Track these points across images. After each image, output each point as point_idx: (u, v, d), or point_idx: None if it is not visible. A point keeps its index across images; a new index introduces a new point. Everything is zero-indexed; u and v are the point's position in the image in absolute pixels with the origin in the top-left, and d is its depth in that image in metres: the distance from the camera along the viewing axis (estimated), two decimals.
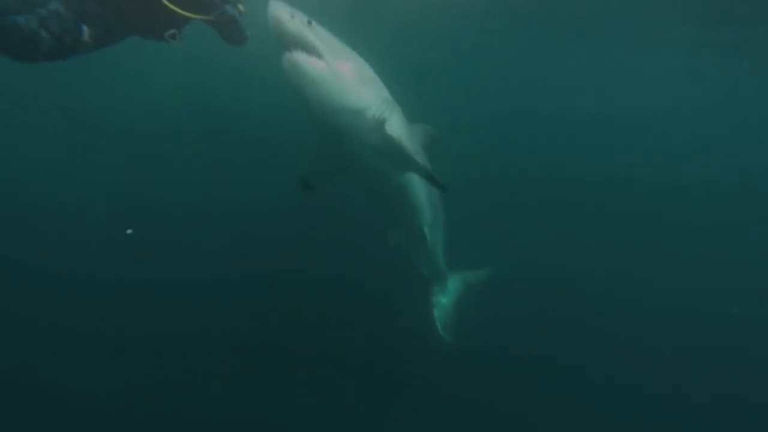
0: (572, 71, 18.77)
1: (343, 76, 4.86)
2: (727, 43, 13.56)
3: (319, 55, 4.62)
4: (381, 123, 5.20)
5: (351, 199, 8.82)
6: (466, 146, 12.54)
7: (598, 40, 15.27)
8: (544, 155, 15.48)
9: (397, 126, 5.44)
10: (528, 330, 9.64)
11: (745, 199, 17.76)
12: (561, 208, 13.85)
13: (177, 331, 8.36)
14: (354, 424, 8.27)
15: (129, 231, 9.19)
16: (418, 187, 6.42)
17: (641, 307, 11.55)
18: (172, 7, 4.08)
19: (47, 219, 9.93)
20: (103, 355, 8.02)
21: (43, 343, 8.06)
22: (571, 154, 15.76)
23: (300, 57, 4.57)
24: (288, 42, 4.57)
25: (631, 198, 15.61)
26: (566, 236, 12.85)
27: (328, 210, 9.88)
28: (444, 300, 8.27)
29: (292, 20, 4.50)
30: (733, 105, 18.63)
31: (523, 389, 8.99)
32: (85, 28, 3.71)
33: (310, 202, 9.35)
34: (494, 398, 8.87)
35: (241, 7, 4.83)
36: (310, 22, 4.62)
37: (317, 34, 4.66)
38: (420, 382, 8.72)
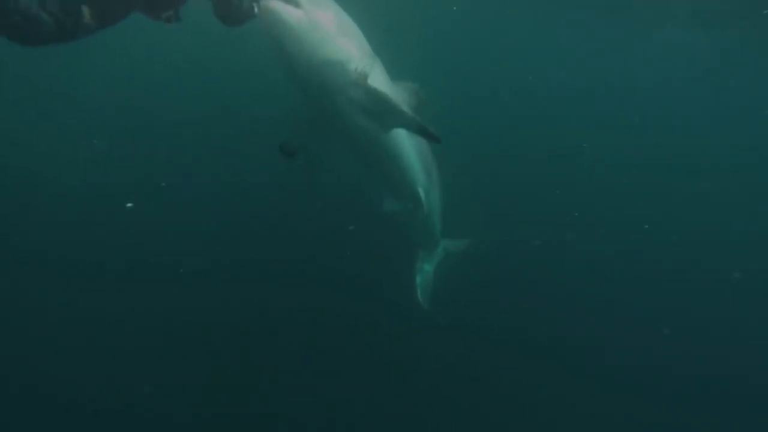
0: (567, 46, 18.62)
1: (323, 25, 4.70)
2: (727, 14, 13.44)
3: (296, 3, 4.46)
4: (363, 76, 5.05)
5: (339, 181, 8.77)
6: (464, 124, 12.55)
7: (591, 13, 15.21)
8: (541, 132, 15.35)
9: (379, 80, 5.32)
10: (517, 305, 9.69)
11: (746, 172, 17.62)
12: (559, 184, 13.70)
13: (171, 320, 8.37)
14: (343, 404, 8.23)
15: (129, 204, 9.21)
16: (408, 147, 6.26)
17: (640, 284, 11.55)
18: None
19: (40, 205, 9.87)
20: (96, 345, 8.02)
21: (34, 332, 7.99)
22: (566, 130, 15.65)
23: (275, 4, 4.38)
24: None
25: (630, 174, 15.46)
26: (564, 212, 12.70)
27: (316, 194, 9.64)
28: (428, 267, 8.24)
29: None
30: (735, 79, 18.47)
31: (510, 364, 8.96)
32: (85, 9, 3.54)
33: (301, 186, 9.47)
34: (477, 372, 8.81)
35: None
36: None
37: None
38: (407, 360, 8.66)
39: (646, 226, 13.38)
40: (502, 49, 18.60)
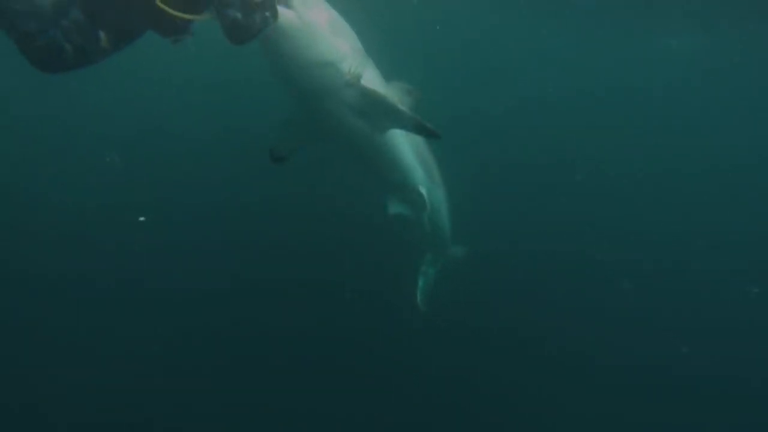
0: (574, 53, 18.53)
1: (315, 26, 4.67)
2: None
3: (287, 4, 4.41)
4: (356, 76, 5.04)
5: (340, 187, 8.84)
6: (470, 131, 12.59)
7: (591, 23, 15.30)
8: (544, 139, 15.45)
9: (372, 80, 5.34)
10: (516, 310, 9.61)
11: (753, 175, 17.45)
12: (565, 193, 13.69)
13: (171, 337, 8.37)
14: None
15: (141, 218, 9.14)
16: (405, 146, 6.23)
17: (643, 290, 11.37)
18: (162, 6, 3.61)
19: (48, 222, 9.91)
20: (103, 363, 8.01)
21: (42, 352, 8.01)
22: (571, 136, 15.64)
23: None
24: None
25: (638, 183, 15.43)
26: (572, 221, 12.70)
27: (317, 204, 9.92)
28: (431, 270, 8.15)
29: None
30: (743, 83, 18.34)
31: (509, 369, 8.88)
32: (101, 34, 3.64)
33: (301, 193, 9.51)
34: (477, 376, 8.73)
35: None
36: None
37: None
38: (406, 366, 8.60)
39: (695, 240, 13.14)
40: (509, 57, 18.72)
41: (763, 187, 16.70)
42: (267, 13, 4.01)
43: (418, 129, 5.38)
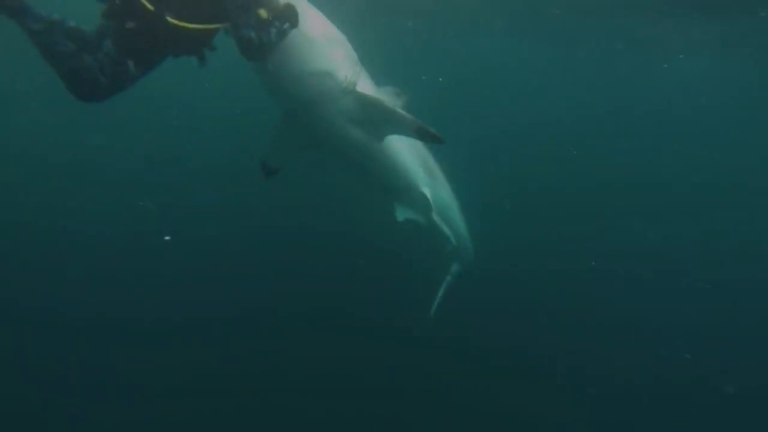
0: (601, 76, 18.80)
1: (311, 37, 4.68)
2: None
3: None
4: (352, 85, 5.01)
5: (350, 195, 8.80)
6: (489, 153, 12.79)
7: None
8: (558, 159, 15.66)
9: (367, 87, 5.32)
10: (523, 327, 9.54)
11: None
12: (569, 207, 13.83)
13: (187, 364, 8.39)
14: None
15: (167, 238, 9.31)
16: (402, 148, 6.17)
17: (652, 305, 11.33)
18: (175, 22, 3.73)
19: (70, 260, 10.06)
20: (116, 396, 7.99)
21: (56, 385, 8.03)
22: (587, 157, 15.88)
23: None
24: None
25: (655, 199, 15.44)
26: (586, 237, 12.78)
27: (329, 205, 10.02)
28: (453, 281, 7.98)
29: None
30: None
31: (511, 388, 8.65)
32: (130, 63, 3.79)
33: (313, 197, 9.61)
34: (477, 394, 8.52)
35: (262, 12, 4.02)
36: None
37: None
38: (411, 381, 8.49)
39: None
40: (541, 83, 19.11)
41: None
42: (286, 25, 4.14)
43: (420, 134, 5.14)
